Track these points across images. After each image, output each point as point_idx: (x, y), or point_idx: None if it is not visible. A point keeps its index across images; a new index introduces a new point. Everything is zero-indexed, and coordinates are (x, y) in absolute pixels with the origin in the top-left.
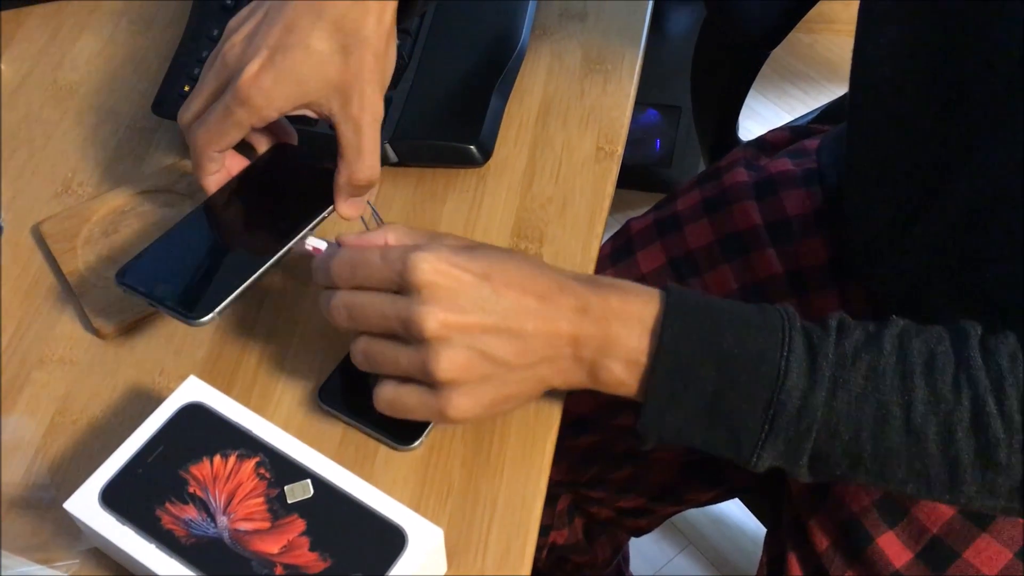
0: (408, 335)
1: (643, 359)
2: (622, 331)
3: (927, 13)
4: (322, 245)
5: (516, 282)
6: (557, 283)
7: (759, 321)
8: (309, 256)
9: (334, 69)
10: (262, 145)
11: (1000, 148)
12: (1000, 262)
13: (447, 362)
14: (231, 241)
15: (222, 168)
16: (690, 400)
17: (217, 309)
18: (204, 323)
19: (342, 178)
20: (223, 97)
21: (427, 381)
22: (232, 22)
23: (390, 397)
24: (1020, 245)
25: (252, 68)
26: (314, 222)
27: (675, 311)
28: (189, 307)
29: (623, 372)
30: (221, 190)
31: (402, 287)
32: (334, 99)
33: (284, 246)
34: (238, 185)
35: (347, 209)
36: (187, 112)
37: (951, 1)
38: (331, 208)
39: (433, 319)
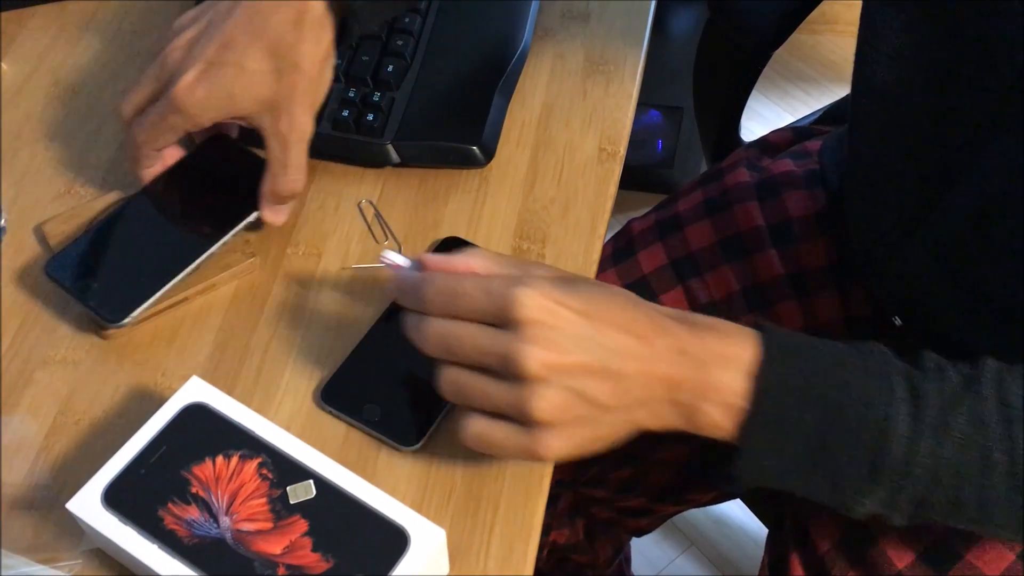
0: (506, 372)
1: (741, 403)
2: (720, 374)
3: (928, 17)
4: (402, 261)
5: (616, 321)
6: (655, 322)
7: (859, 363)
8: (381, 267)
9: (266, 89)
10: (201, 136)
11: (1002, 151)
12: (1002, 264)
13: (545, 403)
14: (159, 239)
15: (159, 161)
16: (791, 446)
17: (134, 313)
18: (123, 325)
19: (266, 188)
20: (160, 101)
21: (520, 419)
22: (180, 21)
23: (479, 432)
24: (1022, 247)
25: (187, 78)
26: (240, 225)
27: (774, 354)
28: (109, 307)
29: (721, 416)
30: (153, 182)
31: (502, 321)
32: (264, 116)
33: (208, 249)
34: (171, 179)
35: (270, 216)
36: (128, 105)
37: (952, 4)
38: (258, 212)
39: (534, 359)
